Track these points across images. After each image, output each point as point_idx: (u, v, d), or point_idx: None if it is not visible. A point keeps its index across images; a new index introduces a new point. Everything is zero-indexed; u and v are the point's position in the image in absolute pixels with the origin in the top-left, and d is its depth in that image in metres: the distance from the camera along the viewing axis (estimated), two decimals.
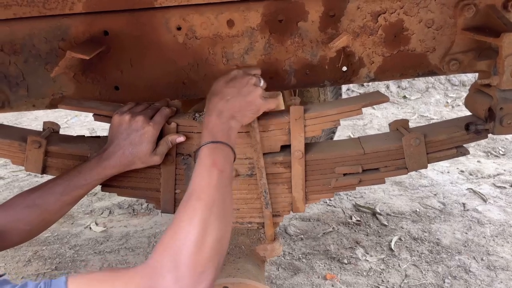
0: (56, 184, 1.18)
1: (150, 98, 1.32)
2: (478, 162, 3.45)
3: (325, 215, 2.82)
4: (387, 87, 4.91)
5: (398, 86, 4.94)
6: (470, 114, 1.33)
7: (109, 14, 1.22)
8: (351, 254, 2.46)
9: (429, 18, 1.28)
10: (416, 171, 3.21)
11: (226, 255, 1.26)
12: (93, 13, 1.21)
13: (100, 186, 1.28)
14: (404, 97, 4.86)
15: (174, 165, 1.30)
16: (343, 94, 2.95)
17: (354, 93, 4.94)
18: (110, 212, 2.99)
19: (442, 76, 4.90)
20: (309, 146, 1.30)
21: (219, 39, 1.28)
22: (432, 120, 4.31)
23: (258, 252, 1.33)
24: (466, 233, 2.61)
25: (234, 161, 1.07)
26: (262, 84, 1.18)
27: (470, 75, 4.87)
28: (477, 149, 3.62)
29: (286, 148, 1.28)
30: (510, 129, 1.20)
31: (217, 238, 0.90)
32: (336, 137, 2.88)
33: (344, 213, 2.85)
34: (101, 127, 4.30)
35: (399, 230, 2.65)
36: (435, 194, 3.01)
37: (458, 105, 4.61)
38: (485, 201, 2.92)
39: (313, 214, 2.83)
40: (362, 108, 1.24)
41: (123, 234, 2.75)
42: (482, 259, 2.39)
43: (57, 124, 1.39)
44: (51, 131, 1.36)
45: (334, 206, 2.92)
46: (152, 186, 1.32)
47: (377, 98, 1.26)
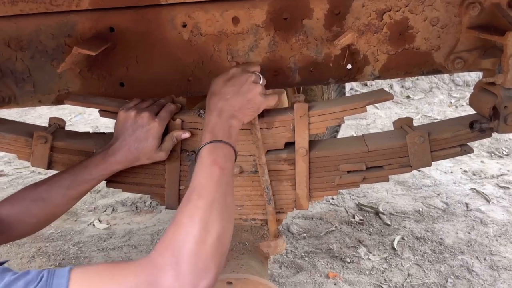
0: (62, 178, 1.19)
1: (155, 94, 1.32)
2: (482, 162, 3.45)
3: (328, 214, 2.82)
4: (391, 87, 4.90)
5: (402, 86, 4.93)
6: (475, 112, 1.34)
7: (115, 11, 1.23)
8: (354, 253, 2.46)
9: (434, 16, 1.28)
10: (419, 171, 3.21)
11: (230, 251, 1.27)
12: (99, 9, 1.21)
13: (104, 182, 1.29)
14: (407, 97, 4.85)
15: (179, 161, 1.30)
16: (347, 94, 2.95)
17: (357, 92, 4.93)
18: (113, 209, 3.00)
19: (446, 76, 4.93)
20: (313, 144, 1.30)
21: (224, 36, 1.28)
22: (435, 120, 4.31)
23: (262, 248, 1.34)
24: (469, 233, 2.61)
25: (236, 159, 1.07)
26: (261, 81, 1.17)
27: (474, 75, 4.86)
28: (480, 149, 3.61)
29: (290, 145, 1.28)
30: None
31: (218, 236, 0.90)
32: (339, 136, 2.88)
33: (347, 212, 2.85)
34: (104, 125, 4.31)
35: (402, 230, 2.65)
36: (438, 194, 3.01)
37: (462, 105, 4.60)
38: (488, 201, 2.91)
39: (316, 213, 2.83)
40: (366, 105, 1.24)
41: (126, 231, 2.76)
42: (485, 259, 2.39)
43: (63, 120, 1.39)
44: (57, 127, 1.37)
45: (337, 205, 2.92)
46: (156, 182, 1.33)
47: (381, 96, 1.26)
